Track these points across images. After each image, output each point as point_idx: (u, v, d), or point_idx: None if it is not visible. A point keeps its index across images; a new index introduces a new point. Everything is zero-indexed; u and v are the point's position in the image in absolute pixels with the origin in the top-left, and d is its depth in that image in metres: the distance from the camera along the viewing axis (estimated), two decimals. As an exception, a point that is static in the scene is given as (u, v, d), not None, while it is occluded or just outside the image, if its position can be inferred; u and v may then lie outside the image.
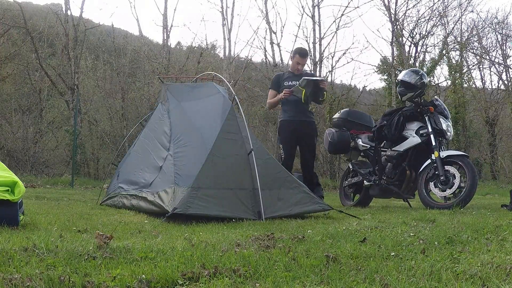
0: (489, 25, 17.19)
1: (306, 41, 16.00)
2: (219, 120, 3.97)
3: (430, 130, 5.08)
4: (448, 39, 16.40)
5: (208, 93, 4.36)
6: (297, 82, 5.07)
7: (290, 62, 5.49)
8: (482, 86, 17.68)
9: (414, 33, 16.06)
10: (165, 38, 15.70)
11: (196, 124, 4.06)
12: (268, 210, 3.57)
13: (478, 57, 17.05)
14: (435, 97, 5.97)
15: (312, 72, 11.28)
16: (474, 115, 17.08)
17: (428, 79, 9.99)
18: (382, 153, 5.55)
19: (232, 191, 3.57)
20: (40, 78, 15.91)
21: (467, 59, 17.14)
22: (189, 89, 4.67)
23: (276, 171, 3.91)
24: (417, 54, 16.08)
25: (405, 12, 15.93)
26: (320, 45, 15.77)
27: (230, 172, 3.67)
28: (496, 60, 17.26)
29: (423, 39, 16.12)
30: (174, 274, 1.58)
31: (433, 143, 4.99)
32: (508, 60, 16.99)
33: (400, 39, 15.81)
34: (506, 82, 17.04)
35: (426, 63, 16.19)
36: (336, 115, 6.41)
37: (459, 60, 16.57)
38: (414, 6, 19.22)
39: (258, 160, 3.77)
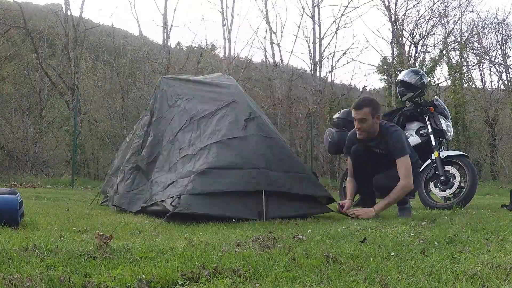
0: (489, 25, 17.23)
1: (306, 41, 16.03)
2: (225, 116, 3.97)
3: (430, 130, 5.08)
4: (448, 39, 16.44)
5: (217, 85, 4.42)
6: None
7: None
8: (482, 86, 17.72)
9: (414, 33, 16.10)
10: (165, 38, 15.73)
11: (199, 121, 4.06)
12: (270, 211, 3.55)
13: (478, 57, 17.07)
14: (435, 97, 5.98)
15: None
16: (474, 115, 17.10)
17: (428, 79, 10.01)
18: (382, 153, 5.55)
19: (241, 173, 3.56)
20: (40, 78, 15.93)
21: (467, 59, 17.18)
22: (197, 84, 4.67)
23: (283, 168, 3.87)
24: (417, 54, 16.11)
25: (405, 12, 15.98)
26: (320, 45, 15.80)
27: (238, 155, 3.65)
28: (496, 60, 17.29)
29: (423, 39, 16.16)
30: (174, 274, 1.58)
31: (433, 143, 4.99)
32: (508, 60, 17.03)
33: (400, 39, 15.83)
34: (506, 82, 17.06)
35: (426, 63, 16.22)
36: (336, 115, 6.41)
37: (459, 60, 16.59)
38: (414, 6, 19.26)
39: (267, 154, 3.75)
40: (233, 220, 3.33)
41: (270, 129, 4.05)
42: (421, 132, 5.22)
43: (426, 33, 16.12)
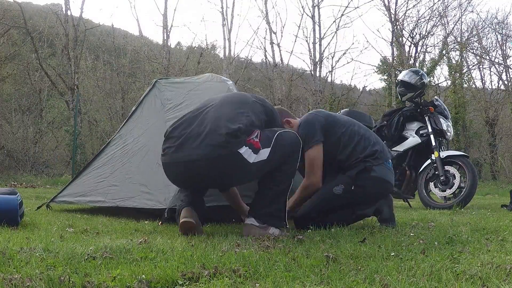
0: (489, 25, 17.22)
1: (306, 41, 16.02)
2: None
3: (430, 130, 5.08)
4: (448, 39, 16.43)
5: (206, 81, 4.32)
6: None
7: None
8: (482, 86, 17.72)
9: (414, 33, 16.09)
10: (165, 38, 15.72)
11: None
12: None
13: (478, 57, 17.07)
14: (435, 97, 5.99)
15: None
16: (474, 115, 17.09)
17: (428, 79, 10.00)
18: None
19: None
20: (40, 78, 15.92)
21: (467, 59, 17.17)
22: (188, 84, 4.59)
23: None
24: (417, 54, 16.11)
25: (405, 12, 15.97)
26: (320, 45, 15.80)
27: None
28: (496, 60, 17.28)
29: (423, 39, 16.15)
30: (174, 274, 1.58)
31: (433, 143, 5.00)
32: (508, 60, 17.01)
33: (400, 39, 15.83)
34: (506, 82, 17.06)
35: (426, 63, 16.22)
36: (336, 115, 6.41)
37: (459, 60, 16.59)
38: (414, 6, 19.27)
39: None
40: (233, 220, 3.33)
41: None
42: (421, 132, 5.23)
43: (426, 33, 16.13)
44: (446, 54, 16.37)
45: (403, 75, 5.54)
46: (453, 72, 16.18)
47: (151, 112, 4.44)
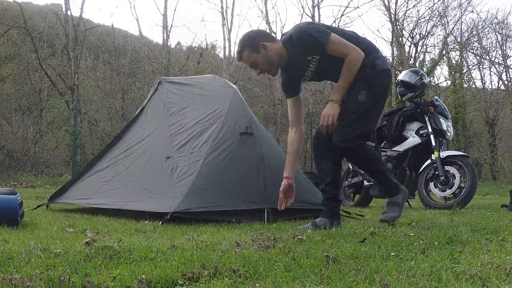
0: (489, 25, 17.24)
1: (306, 41, 16.02)
2: (222, 115, 3.88)
3: (430, 130, 5.08)
4: (448, 39, 16.44)
5: (211, 85, 4.28)
6: None
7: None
8: (482, 86, 17.73)
9: (414, 33, 16.11)
10: (165, 38, 15.74)
11: (197, 122, 3.98)
12: (271, 217, 3.52)
13: (478, 57, 17.08)
14: (435, 97, 5.99)
15: None
16: (474, 115, 17.10)
17: (428, 79, 10.00)
18: (382, 153, 5.55)
19: (235, 189, 3.52)
20: (40, 78, 15.91)
21: (467, 59, 17.19)
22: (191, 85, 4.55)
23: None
24: (417, 54, 16.12)
25: (405, 12, 15.98)
26: (320, 45, 15.78)
27: (233, 171, 3.61)
28: (496, 60, 17.30)
29: (423, 39, 16.16)
30: (174, 274, 1.58)
31: (433, 143, 4.99)
32: (508, 60, 17.04)
33: (400, 39, 15.83)
34: (506, 82, 17.08)
35: (426, 63, 16.22)
36: (336, 115, 6.39)
37: (459, 60, 16.60)
38: (414, 6, 19.25)
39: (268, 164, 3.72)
40: (233, 220, 3.33)
41: (269, 143, 3.95)
42: (421, 132, 5.23)
43: (426, 33, 16.14)
44: (446, 54, 16.39)
45: (403, 75, 5.54)
46: (453, 72, 16.19)
47: (155, 116, 4.41)
